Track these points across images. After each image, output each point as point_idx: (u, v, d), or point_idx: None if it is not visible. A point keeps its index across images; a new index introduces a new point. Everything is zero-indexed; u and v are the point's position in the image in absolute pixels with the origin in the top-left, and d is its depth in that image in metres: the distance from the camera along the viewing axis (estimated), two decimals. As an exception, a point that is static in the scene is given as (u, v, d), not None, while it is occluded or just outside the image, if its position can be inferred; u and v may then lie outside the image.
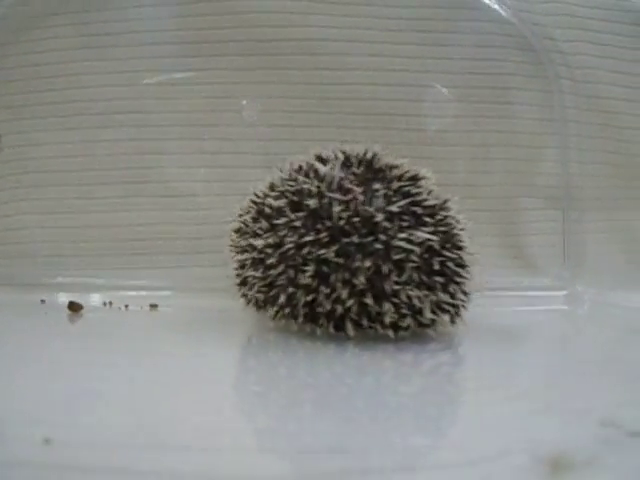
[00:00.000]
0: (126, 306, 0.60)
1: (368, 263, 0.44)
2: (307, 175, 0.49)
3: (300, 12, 0.68)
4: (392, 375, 0.43)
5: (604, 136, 0.72)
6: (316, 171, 0.48)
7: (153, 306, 0.61)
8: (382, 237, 0.44)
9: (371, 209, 0.45)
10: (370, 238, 0.44)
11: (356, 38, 0.68)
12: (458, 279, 0.47)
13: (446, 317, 0.47)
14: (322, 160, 0.50)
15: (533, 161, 0.71)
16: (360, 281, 0.44)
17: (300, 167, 0.50)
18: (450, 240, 0.47)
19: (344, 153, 0.51)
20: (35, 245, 0.67)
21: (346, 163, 0.49)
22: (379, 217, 0.45)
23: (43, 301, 0.61)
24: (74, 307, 0.57)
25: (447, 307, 0.47)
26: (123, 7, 0.67)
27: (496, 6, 0.70)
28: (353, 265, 0.44)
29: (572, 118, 0.70)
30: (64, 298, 0.61)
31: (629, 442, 0.28)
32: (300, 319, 0.47)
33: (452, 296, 0.47)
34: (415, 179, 0.48)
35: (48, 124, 0.67)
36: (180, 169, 0.67)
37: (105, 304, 0.61)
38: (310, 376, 0.42)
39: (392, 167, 0.48)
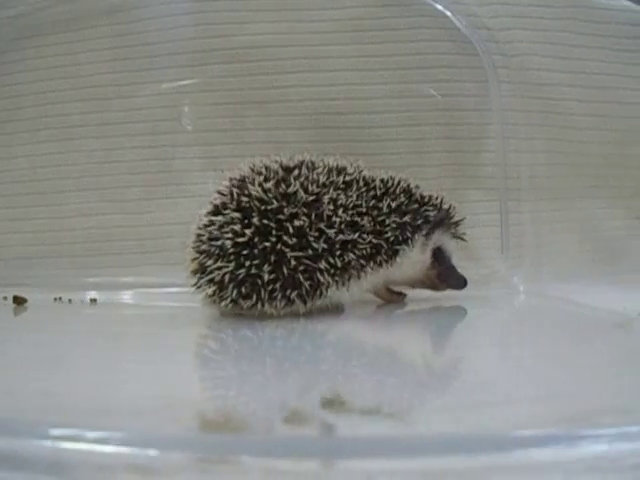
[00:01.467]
0: (69, 300, 0.67)
1: None
2: None
3: (238, 22, 0.72)
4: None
5: (547, 124, 0.70)
6: None
7: (93, 300, 0.66)
8: None
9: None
10: None
11: (290, 43, 0.71)
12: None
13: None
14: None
15: (472, 152, 0.71)
16: None
17: None
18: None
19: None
20: (7, 249, 0.74)
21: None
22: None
23: (5, 298, 0.68)
24: (18, 300, 0.64)
25: None
26: (81, 28, 0.74)
27: (429, 0, 0.70)
28: None
29: (510, 107, 0.70)
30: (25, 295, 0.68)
31: (329, 417, 0.30)
32: None
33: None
34: None
35: (19, 139, 0.75)
36: (131, 175, 0.73)
37: (55, 299, 0.68)
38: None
39: None
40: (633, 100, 0.71)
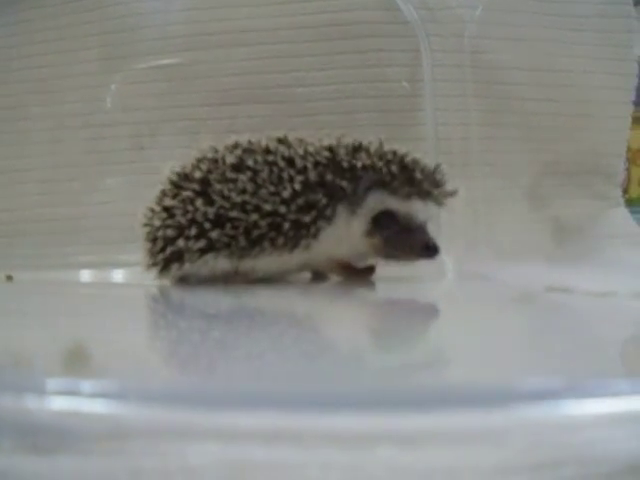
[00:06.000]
0: (-15, 278, 0.66)
1: None
2: None
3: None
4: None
5: (485, 95, 0.66)
6: None
7: (9, 277, 0.66)
8: None
9: None
10: None
11: (214, 17, 0.69)
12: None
13: None
14: None
15: (403, 126, 0.67)
16: None
17: None
18: None
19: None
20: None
21: None
22: None
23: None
24: None
25: None
26: (16, 11, 0.74)
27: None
28: None
29: (443, 77, 0.65)
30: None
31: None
32: None
33: None
34: None
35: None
36: (59, 156, 0.72)
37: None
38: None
39: None
40: (581, 68, 0.66)
